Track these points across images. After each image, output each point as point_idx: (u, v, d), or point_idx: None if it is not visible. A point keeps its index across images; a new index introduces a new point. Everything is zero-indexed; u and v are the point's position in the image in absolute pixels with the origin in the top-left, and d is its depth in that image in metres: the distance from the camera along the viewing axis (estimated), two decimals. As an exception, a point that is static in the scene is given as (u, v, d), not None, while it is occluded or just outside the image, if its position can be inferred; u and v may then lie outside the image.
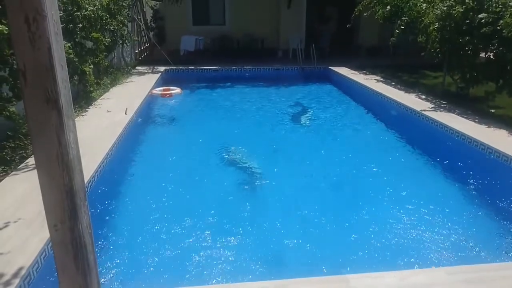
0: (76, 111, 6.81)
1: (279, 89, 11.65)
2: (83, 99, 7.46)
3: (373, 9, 11.38)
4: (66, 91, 1.37)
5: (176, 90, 9.93)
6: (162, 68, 12.42)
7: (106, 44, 8.30)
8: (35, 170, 1.40)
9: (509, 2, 7.16)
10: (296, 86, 12.03)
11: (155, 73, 11.82)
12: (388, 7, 10.51)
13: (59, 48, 1.33)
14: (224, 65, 13.08)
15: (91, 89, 7.25)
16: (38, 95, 1.32)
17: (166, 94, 9.69)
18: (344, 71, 12.03)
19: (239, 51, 15.28)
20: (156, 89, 9.87)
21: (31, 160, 4.74)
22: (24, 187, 4.11)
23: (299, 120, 8.46)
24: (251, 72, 12.82)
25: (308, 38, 15.32)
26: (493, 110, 7.61)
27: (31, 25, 1.25)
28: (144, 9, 14.84)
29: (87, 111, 7.28)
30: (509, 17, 6.79)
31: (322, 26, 16.20)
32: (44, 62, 1.29)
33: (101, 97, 8.27)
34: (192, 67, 12.86)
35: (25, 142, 5.19)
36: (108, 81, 9.29)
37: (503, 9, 7.03)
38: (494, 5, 7.21)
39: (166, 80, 11.48)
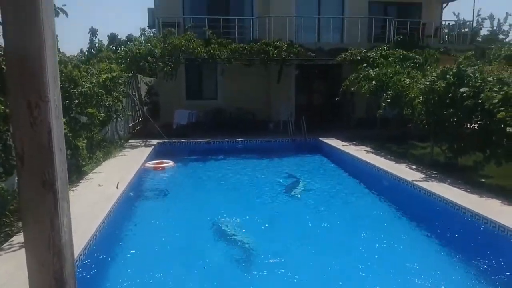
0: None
1: (271, 161, 11.74)
2: (75, 173, 7.40)
3: (359, 84, 11.93)
4: (63, 174, 1.35)
5: (169, 163, 9.95)
6: (155, 141, 12.55)
7: (101, 119, 8.44)
8: (21, 250, 1.33)
9: (488, 77, 7.59)
10: (287, 158, 12.16)
11: (148, 146, 11.92)
12: (374, 82, 11.03)
13: (59, 131, 1.34)
14: (217, 137, 13.29)
15: (83, 163, 7.22)
16: (35, 178, 1.29)
17: (159, 167, 9.69)
18: (334, 142, 12.27)
19: (231, 124, 15.60)
20: (149, 162, 9.88)
21: (16, 239, 4.54)
22: (6, 268, 3.89)
23: (291, 192, 8.41)
24: (243, 144, 13.00)
25: (298, 110, 15.84)
26: (483, 180, 7.69)
27: (33, 110, 1.26)
28: (139, 85, 15.37)
29: (77, 185, 7.17)
30: (489, 91, 7.16)
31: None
32: (43, 145, 1.28)
33: (93, 171, 8.21)
34: (185, 140, 13.03)
35: (12, 219, 5.03)
36: (101, 155, 9.30)
37: (483, 84, 7.43)
38: (474, 80, 7.63)
39: (159, 153, 11.55)
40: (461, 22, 21.30)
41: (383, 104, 10.59)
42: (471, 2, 17.90)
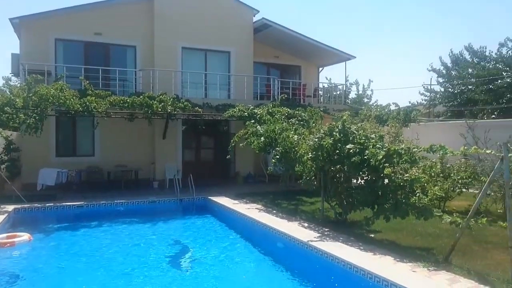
0: None
1: (155, 225, 10.46)
2: None
3: (248, 140, 11.70)
4: None
5: (23, 236, 7.93)
6: (11, 207, 10.35)
7: None
8: None
9: (370, 134, 7.85)
10: (174, 220, 11.05)
11: (0, 213, 9.71)
12: (262, 138, 10.88)
13: None
14: (91, 200, 11.58)
15: None
16: None
17: (7, 243, 7.62)
18: (224, 201, 11.61)
19: (110, 184, 14.00)
20: (-3, 236, 7.83)
21: None
22: None
23: (179, 263, 7.32)
24: (123, 207, 11.52)
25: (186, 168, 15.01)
26: (372, 235, 7.70)
27: None
28: (-5, 140, 12.98)
29: None
30: (372, 147, 7.34)
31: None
32: None
33: None
34: (51, 204, 11.04)
35: None
36: None
37: (366, 141, 7.63)
38: (358, 137, 7.81)
39: (15, 222, 9.47)
40: (334, 85, 23.42)
41: (273, 160, 10.42)
42: (340, 68, 19.82)
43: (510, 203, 5.22)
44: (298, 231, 7.96)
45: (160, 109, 13.15)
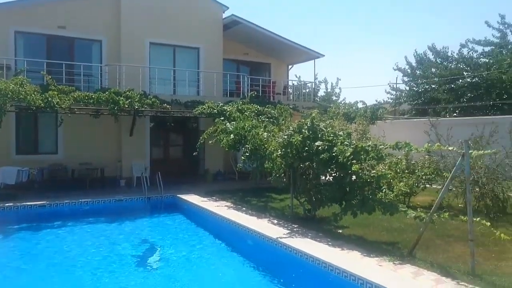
0: None
1: (122, 224, 10.21)
2: None
3: (218, 137, 11.61)
4: None
5: (-19, 237, 7.61)
6: (-34, 209, 9.84)
7: None
8: None
9: (339, 131, 7.96)
10: (142, 219, 10.82)
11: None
12: (232, 135, 10.82)
13: None
14: (54, 199, 11.15)
15: None
16: None
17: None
18: (193, 198, 11.48)
19: (74, 182, 13.55)
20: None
21: None
22: None
23: (146, 263, 7.17)
24: (88, 206, 11.16)
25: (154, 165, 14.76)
26: (340, 231, 7.82)
27: None
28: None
29: None
30: (340, 144, 7.44)
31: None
32: None
33: None
34: (11, 204, 10.56)
35: None
36: None
37: (335, 138, 7.73)
38: (326, 134, 7.90)
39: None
40: (303, 83, 23.64)
41: (242, 157, 10.39)
42: (309, 66, 20.03)
43: (471, 198, 5.42)
44: (267, 228, 7.97)
45: (127, 106, 12.83)
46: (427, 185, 10.11)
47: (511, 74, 19.28)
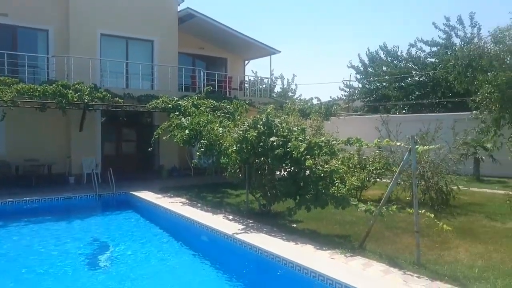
0: None
1: (71, 223, 9.78)
2: None
3: (172, 133, 11.39)
4: None
5: None
6: None
7: None
8: None
9: (293, 127, 8.04)
10: (92, 218, 10.41)
11: None
12: (187, 131, 10.65)
13: None
14: (-4, 198, 10.48)
15: None
16: None
17: None
18: (147, 195, 11.20)
19: (19, 180, 12.79)
20: None
21: None
22: None
23: (96, 262, 6.90)
24: (34, 204, 10.57)
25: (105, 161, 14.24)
26: (295, 225, 7.93)
27: None
28: None
29: None
30: (294, 140, 7.53)
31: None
32: None
33: None
34: None
35: None
36: None
37: (289, 133, 7.81)
38: (281, 129, 7.96)
39: None
40: (259, 79, 23.72)
41: (198, 153, 10.26)
42: (265, 61, 20.15)
43: (417, 191, 5.67)
44: (223, 224, 7.94)
45: (76, 99, 12.25)
46: (378, 179, 10.48)
47: (456, 74, 20.44)
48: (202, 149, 9.82)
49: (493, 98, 11.93)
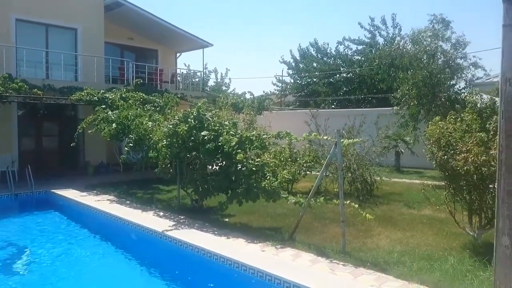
0: None
1: (-19, 226, 8.88)
2: None
3: (98, 127, 10.79)
4: None
5: None
6: None
7: None
8: None
9: (225, 121, 7.99)
10: (8, 219, 9.53)
11: None
12: (114, 125, 10.16)
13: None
14: None
15: None
16: None
17: None
18: (70, 193, 10.52)
19: None
20: None
21: None
22: None
23: (12, 269, 6.33)
24: None
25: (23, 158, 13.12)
26: (227, 219, 7.92)
27: None
28: None
29: None
30: (226, 134, 7.49)
31: None
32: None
33: None
34: None
35: None
36: None
37: (221, 128, 7.75)
38: (212, 123, 7.87)
39: None
40: (192, 72, 23.33)
41: (126, 148, 9.83)
42: (198, 54, 19.91)
43: (342, 183, 5.91)
44: (153, 221, 7.70)
45: (-14, 90, 11.12)
46: (308, 172, 10.81)
47: (382, 72, 21.78)
48: (131, 144, 9.44)
49: (411, 94, 12.86)
